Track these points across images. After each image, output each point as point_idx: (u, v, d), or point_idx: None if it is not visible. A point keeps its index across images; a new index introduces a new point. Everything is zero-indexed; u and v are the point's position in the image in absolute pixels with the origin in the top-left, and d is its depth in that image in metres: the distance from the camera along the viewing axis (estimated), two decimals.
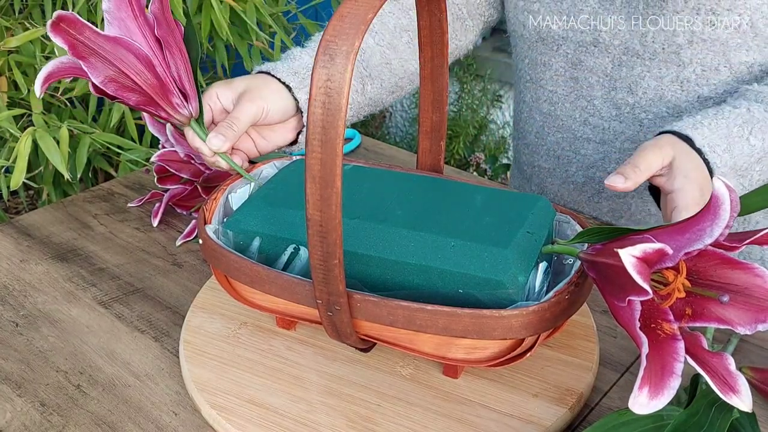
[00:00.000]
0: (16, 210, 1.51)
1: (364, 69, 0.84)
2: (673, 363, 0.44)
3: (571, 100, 0.90)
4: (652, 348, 0.44)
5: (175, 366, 0.64)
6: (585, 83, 0.89)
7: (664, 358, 0.44)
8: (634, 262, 0.42)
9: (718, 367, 0.45)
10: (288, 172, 0.66)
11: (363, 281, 0.57)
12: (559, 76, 0.90)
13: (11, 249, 0.80)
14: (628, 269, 0.42)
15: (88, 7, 1.20)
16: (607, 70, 0.86)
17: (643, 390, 0.43)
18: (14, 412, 0.59)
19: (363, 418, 0.56)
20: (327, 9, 1.95)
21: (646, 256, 0.43)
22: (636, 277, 0.42)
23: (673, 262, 0.44)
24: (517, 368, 0.60)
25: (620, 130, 0.88)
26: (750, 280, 0.46)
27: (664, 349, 0.45)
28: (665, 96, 0.83)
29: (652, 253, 0.43)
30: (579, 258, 0.53)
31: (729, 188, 0.44)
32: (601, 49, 0.85)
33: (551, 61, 0.90)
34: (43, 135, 1.01)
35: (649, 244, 0.43)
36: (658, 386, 0.43)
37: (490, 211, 0.59)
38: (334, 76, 0.44)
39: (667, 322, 0.47)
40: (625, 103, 0.86)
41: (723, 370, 0.45)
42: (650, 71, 0.83)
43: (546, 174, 0.98)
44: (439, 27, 0.62)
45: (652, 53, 0.82)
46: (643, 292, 0.43)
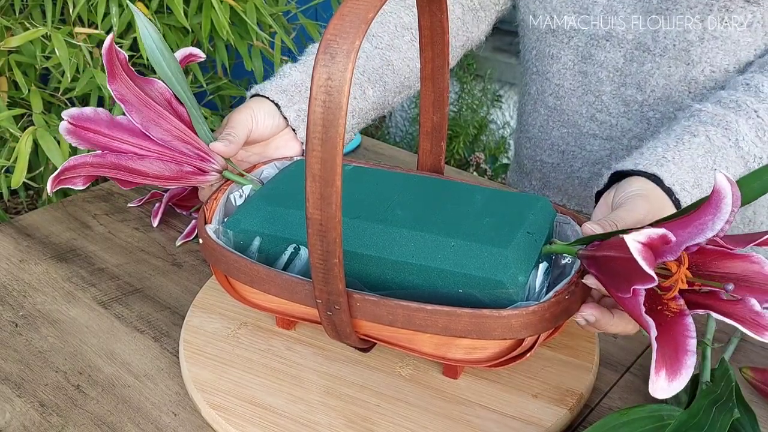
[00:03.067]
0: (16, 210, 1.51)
1: (361, 74, 0.83)
2: (685, 341, 0.44)
3: (578, 94, 0.90)
4: (662, 330, 0.44)
5: (175, 366, 0.64)
6: (594, 78, 0.88)
7: (676, 337, 0.44)
8: (639, 248, 0.42)
9: (745, 312, 0.45)
10: (288, 172, 0.66)
11: (363, 281, 0.57)
12: (567, 69, 0.90)
13: (11, 249, 0.80)
14: (634, 254, 0.42)
15: (89, 7, 1.20)
16: (618, 65, 0.85)
17: (660, 373, 0.42)
18: (13, 413, 0.59)
19: (362, 418, 0.56)
20: (327, 9, 1.95)
21: (651, 242, 0.43)
22: (642, 262, 0.42)
23: (675, 255, 0.44)
24: (517, 369, 0.60)
25: (628, 127, 0.87)
26: (748, 267, 0.46)
27: (674, 329, 0.44)
28: (672, 96, 0.83)
29: (657, 239, 0.43)
30: (578, 256, 0.53)
31: (730, 182, 0.44)
32: (614, 44, 0.84)
33: (560, 53, 0.90)
34: (44, 135, 1.01)
35: (654, 229, 0.43)
36: (675, 366, 0.43)
37: (490, 211, 0.59)
38: (335, 74, 0.44)
39: (672, 300, 0.46)
40: (633, 100, 0.85)
41: (750, 313, 0.44)
42: (660, 68, 0.82)
43: (549, 169, 0.97)
44: (440, 27, 0.62)
45: (663, 49, 0.81)
46: (649, 279, 0.43)
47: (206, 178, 0.68)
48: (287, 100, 0.76)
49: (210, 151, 0.68)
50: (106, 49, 0.65)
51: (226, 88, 1.45)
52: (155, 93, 0.68)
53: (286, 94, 0.76)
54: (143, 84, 0.68)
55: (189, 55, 0.73)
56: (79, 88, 1.13)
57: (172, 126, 0.67)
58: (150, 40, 0.66)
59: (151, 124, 0.66)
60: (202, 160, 0.68)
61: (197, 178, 0.68)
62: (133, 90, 0.66)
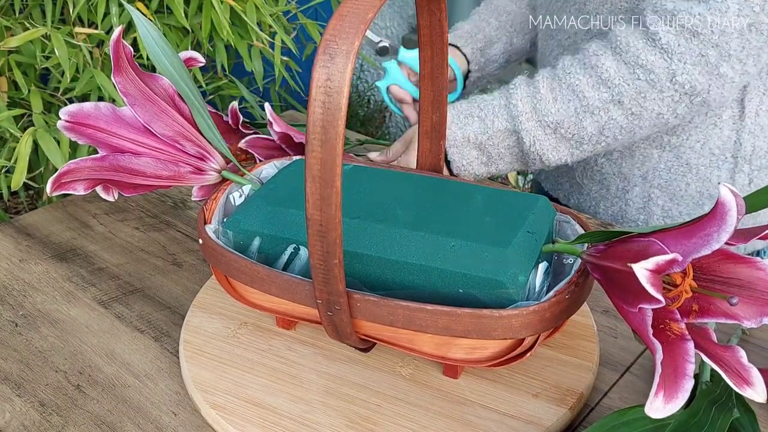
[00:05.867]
0: (16, 210, 1.51)
1: (510, 27, 1.04)
2: (685, 365, 0.44)
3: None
4: (663, 351, 0.44)
5: (175, 366, 0.64)
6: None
7: (676, 360, 0.44)
8: (647, 276, 0.42)
9: (731, 361, 0.45)
10: (288, 172, 0.66)
11: (363, 281, 0.57)
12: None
13: (11, 249, 0.80)
14: (643, 283, 0.42)
15: (89, 7, 1.20)
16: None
17: (659, 395, 0.43)
18: (13, 413, 0.59)
19: (363, 418, 0.56)
20: (327, 9, 1.95)
21: (659, 268, 0.43)
22: (650, 290, 0.42)
23: (681, 268, 0.44)
24: (517, 368, 0.60)
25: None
26: (753, 274, 0.46)
27: (675, 352, 0.45)
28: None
29: (664, 265, 0.43)
30: (582, 259, 0.53)
31: (735, 194, 0.44)
32: None
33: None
34: (44, 135, 1.01)
35: (662, 257, 0.43)
36: (672, 389, 0.43)
37: (490, 211, 0.59)
38: (334, 75, 0.44)
39: (674, 321, 0.47)
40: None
41: (736, 363, 0.45)
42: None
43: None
44: (439, 26, 0.62)
45: None
46: (656, 302, 0.43)
47: (205, 178, 0.68)
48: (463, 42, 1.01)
49: (211, 149, 0.68)
50: (114, 42, 0.65)
51: (226, 88, 1.45)
52: (159, 89, 0.68)
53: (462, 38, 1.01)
54: (147, 79, 0.68)
55: (189, 59, 0.73)
56: (78, 88, 1.13)
57: (174, 122, 0.67)
58: (150, 39, 0.66)
59: (153, 119, 0.66)
60: (202, 159, 0.68)
61: (196, 177, 0.68)
62: (137, 84, 0.66)
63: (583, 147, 0.81)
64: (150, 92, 0.67)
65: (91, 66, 1.14)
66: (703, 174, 0.87)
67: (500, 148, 0.83)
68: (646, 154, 0.89)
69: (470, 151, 0.83)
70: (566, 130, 0.80)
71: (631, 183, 0.91)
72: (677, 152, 0.87)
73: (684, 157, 0.87)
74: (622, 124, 0.79)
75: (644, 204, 0.91)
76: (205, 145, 0.68)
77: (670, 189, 0.89)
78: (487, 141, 0.83)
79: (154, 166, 0.66)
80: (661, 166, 0.89)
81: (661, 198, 0.90)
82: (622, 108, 0.78)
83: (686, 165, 0.88)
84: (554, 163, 0.83)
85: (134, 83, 0.66)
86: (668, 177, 0.89)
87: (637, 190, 0.91)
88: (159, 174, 0.67)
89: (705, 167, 0.87)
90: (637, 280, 0.42)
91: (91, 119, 0.65)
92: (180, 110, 0.69)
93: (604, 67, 0.78)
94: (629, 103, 0.77)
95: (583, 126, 0.79)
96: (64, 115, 0.64)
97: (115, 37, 0.65)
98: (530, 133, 0.81)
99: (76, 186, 0.66)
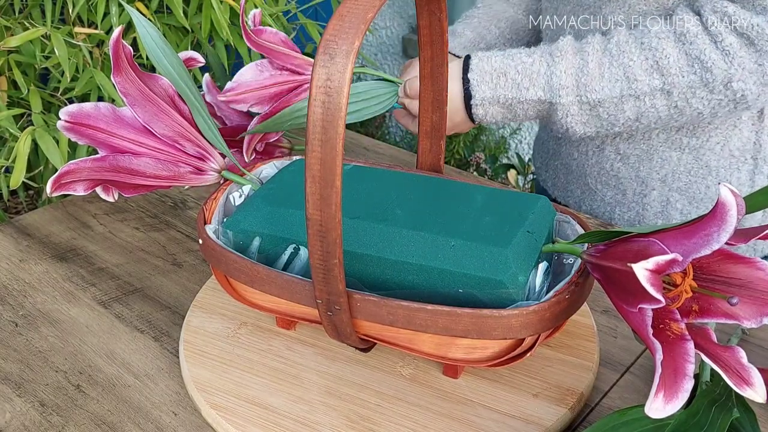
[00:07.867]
0: (16, 210, 1.51)
1: (509, 33, 1.03)
2: (684, 365, 0.44)
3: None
4: (663, 351, 0.44)
5: (175, 366, 0.64)
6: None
7: (676, 360, 0.44)
8: (648, 276, 0.42)
9: (731, 361, 0.45)
10: (288, 172, 0.66)
11: (363, 281, 0.57)
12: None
13: (11, 249, 0.80)
14: (643, 283, 0.42)
15: (88, 7, 1.20)
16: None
17: (659, 395, 0.43)
18: (14, 413, 0.59)
19: (363, 418, 0.56)
20: (327, 9, 1.95)
21: (659, 268, 0.43)
22: (650, 289, 0.42)
23: (681, 268, 0.44)
24: (517, 368, 0.60)
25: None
26: (753, 273, 0.46)
27: (675, 351, 0.45)
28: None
29: (664, 265, 0.43)
30: (583, 259, 0.53)
31: (735, 194, 0.44)
32: None
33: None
34: (43, 135, 1.01)
35: (662, 257, 0.43)
36: (672, 390, 0.43)
37: (490, 210, 0.59)
38: (334, 75, 0.44)
39: (674, 321, 0.47)
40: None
41: (736, 364, 0.45)
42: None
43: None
44: (439, 26, 0.62)
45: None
46: (656, 302, 0.43)
47: (205, 178, 0.68)
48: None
49: (211, 149, 0.68)
50: (114, 42, 0.65)
51: None
52: (159, 89, 0.68)
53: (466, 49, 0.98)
54: (147, 79, 0.68)
55: (189, 59, 0.73)
56: (78, 88, 1.13)
57: (174, 122, 0.67)
58: (149, 39, 0.66)
59: (153, 119, 0.66)
60: (202, 159, 0.68)
61: (196, 177, 0.68)
62: (136, 84, 0.66)
63: (614, 129, 0.80)
64: (150, 92, 0.67)
65: (91, 66, 1.14)
66: (723, 176, 0.86)
67: (529, 112, 0.81)
68: (665, 157, 0.88)
69: (497, 108, 0.81)
70: (604, 110, 0.78)
71: (649, 187, 0.90)
72: (697, 154, 0.86)
73: (704, 159, 0.86)
74: (661, 115, 0.77)
75: (663, 208, 0.90)
76: (205, 145, 0.68)
77: (689, 192, 0.88)
78: (518, 105, 0.80)
79: (154, 166, 0.66)
80: (680, 169, 0.87)
81: (680, 201, 0.89)
82: (668, 99, 0.76)
83: (706, 167, 0.86)
84: (578, 136, 0.82)
85: (134, 83, 0.66)
86: (688, 180, 0.87)
87: (655, 194, 0.89)
88: (159, 174, 0.67)
89: (725, 169, 0.86)
90: (637, 280, 0.42)
91: (90, 119, 0.65)
92: (180, 110, 0.69)
93: (664, 52, 0.75)
94: (677, 96, 0.75)
95: (623, 109, 0.77)
96: (63, 115, 0.64)
97: (115, 37, 0.65)
98: (566, 108, 0.78)
99: (76, 186, 0.66)
